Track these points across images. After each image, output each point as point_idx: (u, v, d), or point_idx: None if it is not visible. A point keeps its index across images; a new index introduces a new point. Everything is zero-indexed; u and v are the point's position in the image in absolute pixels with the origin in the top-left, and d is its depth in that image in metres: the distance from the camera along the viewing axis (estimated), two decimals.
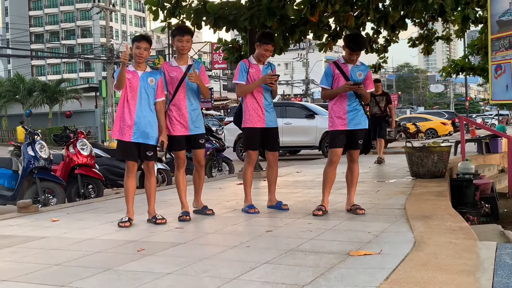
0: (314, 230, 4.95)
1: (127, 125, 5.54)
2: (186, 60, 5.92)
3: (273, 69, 6.24)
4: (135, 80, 5.57)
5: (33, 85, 42.29)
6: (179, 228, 5.40)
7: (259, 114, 6.06)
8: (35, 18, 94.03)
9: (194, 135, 5.91)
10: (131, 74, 5.59)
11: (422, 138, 28.93)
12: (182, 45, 5.80)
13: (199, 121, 5.96)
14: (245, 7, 9.82)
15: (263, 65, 6.16)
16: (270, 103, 6.15)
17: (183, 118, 5.83)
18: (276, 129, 6.20)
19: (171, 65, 5.89)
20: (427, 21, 13.08)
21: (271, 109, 6.15)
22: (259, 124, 6.07)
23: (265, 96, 6.08)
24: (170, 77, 5.83)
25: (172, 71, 5.84)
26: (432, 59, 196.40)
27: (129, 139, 5.56)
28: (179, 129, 5.84)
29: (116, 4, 41.66)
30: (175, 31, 5.96)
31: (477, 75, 22.13)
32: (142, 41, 5.60)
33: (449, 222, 4.97)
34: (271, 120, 6.12)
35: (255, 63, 6.14)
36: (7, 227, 5.87)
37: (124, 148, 5.62)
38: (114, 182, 10.13)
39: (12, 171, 8.60)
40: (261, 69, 6.10)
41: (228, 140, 17.97)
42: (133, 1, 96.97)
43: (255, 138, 6.11)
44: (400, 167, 11.18)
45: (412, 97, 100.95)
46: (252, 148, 6.17)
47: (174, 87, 5.82)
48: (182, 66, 5.86)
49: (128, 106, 5.56)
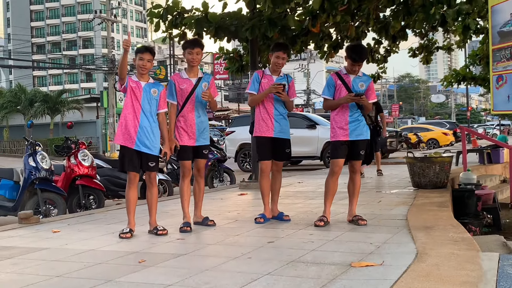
0: (316, 241, 4.93)
1: (130, 132, 5.55)
2: (196, 73, 5.96)
3: (290, 81, 6.24)
4: (138, 91, 5.59)
5: (34, 96, 42.38)
6: (180, 239, 5.38)
7: (268, 124, 6.09)
8: (37, 29, 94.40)
9: (200, 146, 5.94)
10: (135, 83, 5.61)
11: (423, 148, 28.91)
12: (192, 57, 5.84)
13: (206, 133, 6.01)
14: (246, 17, 9.85)
15: (277, 76, 6.17)
16: (281, 113, 6.13)
17: (190, 129, 5.86)
18: (286, 140, 6.19)
19: (182, 77, 5.93)
20: (427, 31, 13.11)
21: (282, 120, 6.14)
22: (268, 134, 6.09)
23: (276, 106, 6.09)
24: (180, 89, 5.86)
25: (183, 83, 5.87)
26: (433, 69, 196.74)
27: (131, 146, 5.56)
28: (186, 139, 5.87)
29: (117, 15, 41.85)
30: (186, 43, 6.02)
31: (479, 85, 22.17)
32: (145, 52, 5.62)
33: (451, 233, 4.96)
34: (281, 130, 6.11)
35: (268, 74, 6.18)
36: (8, 238, 5.86)
37: (126, 158, 5.61)
38: (115, 192, 10.12)
39: (13, 181, 8.60)
40: (275, 80, 6.12)
41: (230, 151, 17.98)
42: (135, 12, 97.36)
43: (264, 147, 6.14)
44: (401, 177, 11.16)
45: (414, 107, 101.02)
46: (263, 158, 6.17)
47: (183, 99, 5.85)
48: (193, 79, 5.90)
49: (131, 113, 5.56)
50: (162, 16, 9.77)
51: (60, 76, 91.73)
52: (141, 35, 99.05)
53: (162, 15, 9.76)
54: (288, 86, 6.16)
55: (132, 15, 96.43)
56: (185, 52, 5.91)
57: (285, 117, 6.21)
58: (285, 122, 6.18)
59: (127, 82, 5.58)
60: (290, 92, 6.23)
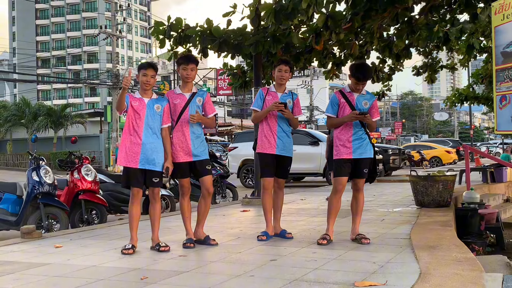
0: (318, 260, 4.92)
1: (134, 152, 5.55)
2: (191, 88, 5.95)
3: (295, 99, 6.25)
4: (141, 108, 5.61)
5: (38, 110, 42.54)
6: (182, 256, 5.37)
7: (271, 140, 6.10)
8: (42, 44, 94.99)
9: (199, 161, 5.89)
10: (137, 101, 5.63)
11: (426, 166, 28.87)
12: (186, 73, 5.84)
13: (202, 147, 5.93)
14: (250, 33, 9.90)
15: (282, 93, 6.19)
16: (284, 131, 6.13)
17: (186, 145, 5.82)
18: (288, 158, 6.19)
19: (175, 93, 5.93)
20: (431, 50, 13.16)
21: (285, 137, 6.14)
22: (270, 150, 6.10)
23: (279, 124, 6.10)
24: (173, 104, 5.85)
25: (176, 99, 5.86)
26: (436, 87, 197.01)
27: (136, 166, 5.57)
28: (182, 156, 5.82)
29: (122, 30, 42.10)
30: (180, 59, 6.01)
31: (482, 104, 22.19)
32: (148, 68, 5.65)
33: (454, 252, 4.94)
34: (283, 148, 6.12)
35: (273, 91, 6.21)
36: (10, 253, 5.85)
37: (129, 175, 5.61)
38: (117, 208, 10.11)
39: (17, 196, 8.60)
40: (279, 97, 6.13)
41: (232, 167, 17.98)
42: (139, 27, 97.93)
43: (267, 164, 6.13)
44: (404, 195, 11.14)
45: (416, 125, 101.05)
46: (266, 175, 6.16)
47: (177, 114, 5.83)
48: (186, 94, 5.89)
49: (134, 133, 5.58)
50: (166, 34, 9.83)
51: (64, 90, 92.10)
52: (146, 50, 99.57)
53: (166, 33, 9.82)
54: (293, 103, 6.19)
55: (137, 31, 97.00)
56: (179, 67, 5.90)
57: (289, 134, 6.21)
58: (288, 139, 6.18)
59: (127, 104, 5.60)
60: (295, 110, 6.24)
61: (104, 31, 37.54)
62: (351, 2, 8.96)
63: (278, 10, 8.89)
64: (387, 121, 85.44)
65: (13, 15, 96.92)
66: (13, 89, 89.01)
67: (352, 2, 8.96)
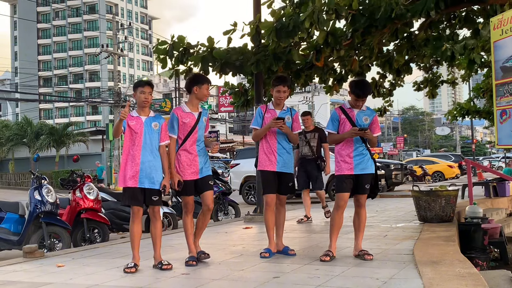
0: (321, 276, 4.90)
1: (133, 172, 5.57)
2: (197, 107, 6.01)
3: (293, 114, 6.29)
4: (139, 126, 5.64)
5: (40, 129, 42.68)
6: (185, 274, 5.35)
7: (271, 158, 6.12)
8: (44, 63, 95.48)
9: (204, 177, 5.93)
10: (134, 120, 5.65)
11: (429, 181, 28.81)
12: (204, 93, 5.94)
13: (208, 163, 6.02)
14: (251, 52, 9.95)
15: (281, 110, 6.23)
16: (285, 147, 6.16)
17: (194, 163, 5.86)
18: (289, 174, 6.22)
19: (184, 111, 5.95)
20: (431, 65, 13.20)
21: (286, 154, 6.16)
22: (270, 168, 6.12)
23: (279, 140, 6.13)
24: (183, 122, 5.89)
25: (186, 117, 5.90)
26: (437, 102, 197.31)
27: (135, 185, 5.58)
28: (189, 174, 5.85)
29: (124, 49, 42.30)
30: (196, 79, 6.07)
31: (483, 118, 22.21)
32: (146, 86, 5.70)
33: (458, 268, 4.92)
34: (283, 165, 6.14)
35: (272, 109, 6.24)
36: (13, 273, 5.84)
37: (129, 194, 5.63)
38: (119, 226, 10.09)
39: (19, 215, 8.60)
40: (278, 114, 6.17)
41: (234, 183, 17.95)
42: (141, 46, 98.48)
43: (268, 181, 6.15)
44: (407, 210, 11.11)
45: (418, 140, 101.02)
46: (267, 191, 6.17)
47: (185, 133, 5.87)
48: (195, 113, 5.95)
49: (132, 152, 5.60)
50: (168, 53, 9.88)
51: (66, 109, 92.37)
52: (147, 68, 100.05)
53: (168, 51, 9.87)
54: (292, 119, 6.22)
55: (139, 49, 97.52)
56: (194, 86, 5.95)
57: (289, 151, 6.23)
58: (288, 156, 6.20)
59: (124, 126, 5.62)
60: (294, 125, 6.26)
61: (106, 50, 37.74)
62: (351, 19, 9.01)
63: (279, 28, 8.95)
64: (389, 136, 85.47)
65: (15, 34, 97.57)
66: (15, 108, 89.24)
67: (352, 19, 9.01)
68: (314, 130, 9.97)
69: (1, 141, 43.44)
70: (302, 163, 9.90)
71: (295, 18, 8.70)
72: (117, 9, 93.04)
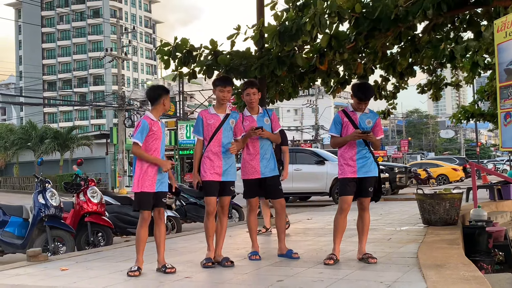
0: (325, 280, 4.89)
1: (151, 176, 5.59)
2: (225, 109, 6.02)
3: (271, 115, 6.32)
4: (159, 131, 5.70)
5: (45, 133, 42.79)
6: (188, 278, 5.35)
7: (254, 165, 6.20)
8: (48, 67, 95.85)
9: (227, 181, 5.96)
10: (156, 125, 5.68)
11: (433, 184, 28.75)
12: (223, 95, 5.92)
13: (232, 169, 6.03)
14: (255, 56, 9.95)
15: (257, 114, 6.27)
16: (266, 150, 6.21)
17: (217, 164, 5.89)
18: (274, 177, 6.23)
19: (210, 113, 5.99)
20: (435, 68, 13.18)
21: (268, 157, 6.22)
22: (254, 176, 6.21)
23: (261, 145, 6.19)
24: (208, 124, 5.92)
25: (210, 119, 5.93)
26: (441, 105, 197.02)
27: (153, 190, 5.60)
28: (211, 175, 5.87)
29: (128, 52, 42.44)
30: (218, 81, 6.08)
31: (487, 121, 22.15)
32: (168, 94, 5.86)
33: (462, 271, 4.90)
34: (267, 169, 6.19)
35: (248, 115, 6.30)
36: (17, 276, 5.84)
37: (143, 199, 5.63)
38: (123, 229, 10.09)
39: (23, 219, 8.61)
40: (256, 119, 6.23)
41: (238, 187, 17.91)
42: (145, 50, 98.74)
43: (251, 188, 6.28)
44: (411, 214, 11.08)
45: (423, 143, 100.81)
46: (250, 196, 6.30)
47: (210, 134, 5.90)
48: (220, 114, 5.96)
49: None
50: (171, 54, 9.90)
51: (71, 113, 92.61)
52: (151, 72, 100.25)
53: (171, 53, 9.88)
54: (270, 120, 6.27)
55: (143, 53, 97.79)
56: (216, 89, 5.97)
57: (271, 153, 6.27)
58: (271, 158, 6.24)
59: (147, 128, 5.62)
60: (274, 125, 6.31)
61: (110, 54, 37.84)
62: (354, 22, 9.01)
63: (283, 32, 8.95)
64: (393, 139, 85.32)
65: (19, 39, 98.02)
66: (20, 112, 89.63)
67: (355, 22, 9.00)
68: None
69: (6, 145, 43.58)
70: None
71: (298, 22, 8.70)
72: (121, 13, 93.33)
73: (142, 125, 5.63)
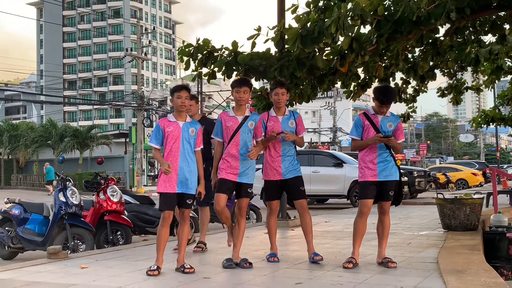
0: (344, 284, 4.87)
1: (172, 177, 5.61)
2: (244, 111, 6.01)
3: (297, 118, 6.22)
4: (176, 131, 5.69)
5: (64, 131, 43.11)
6: (207, 278, 5.36)
7: (275, 167, 6.13)
8: (69, 66, 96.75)
9: (244, 183, 5.94)
10: (172, 126, 5.70)
11: (452, 188, 28.49)
12: (239, 96, 5.90)
13: (251, 171, 6.01)
14: (275, 57, 9.94)
15: (282, 115, 6.18)
16: (288, 152, 6.12)
17: (234, 165, 5.88)
18: (296, 178, 6.14)
19: (229, 115, 6.00)
20: (456, 71, 13.06)
21: (290, 159, 6.13)
22: (276, 177, 6.14)
23: (283, 147, 6.11)
24: (226, 126, 5.93)
25: (229, 121, 5.94)
26: (461, 109, 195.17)
27: (174, 191, 5.62)
28: (227, 174, 5.87)
29: (147, 53, 42.64)
30: (234, 83, 6.09)
31: (508, 125, 21.88)
32: (182, 90, 5.77)
33: (483, 277, 4.85)
34: (289, 170, 6.11)
35: (274, 116, 6.21)
36: (37, 273, 5.90)
37: (164, 199, 5.67)
38: (142, 229, 10.12)
39: (43, 216, 8.70)
40: (280, 120, 6.14)
41: (255, 188, 17.90)
42: (164, 50, 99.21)
43: (272, 189, 6.21)
44: (431, 218, 11.00)
45: (442, 147, 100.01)
46: (270, 198, 6.23)
47: (229, 136, 5.91)
48: (239, 117, 5.95)
49: (172, 158, 5.64)
50: (192, 55, 9.92)
51: (90, 112, 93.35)
52: (170, 72, 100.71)
53: (193, 53, 9.90)
54: (295, 123, 6.17)
55: (162, 53, 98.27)
56: (233, 90, 5.97)
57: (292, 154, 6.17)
58: (292, 160, 6.15)
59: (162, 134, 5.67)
60: (298, 129, 6.21)
61: (130, 54, 38.06)
62: (376, 25, 8.95)
63: (305, 35, 8.92)
64: (411, 143, 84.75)
65: (41, 38, 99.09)
66: (40, 111, 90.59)
67: (376, 25, 8.94)
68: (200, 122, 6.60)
69: (26, 142, 43.99)
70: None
71: (320, 24, 8.66)
72: (141, 13, 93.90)
73: (155, 127, 5.77)
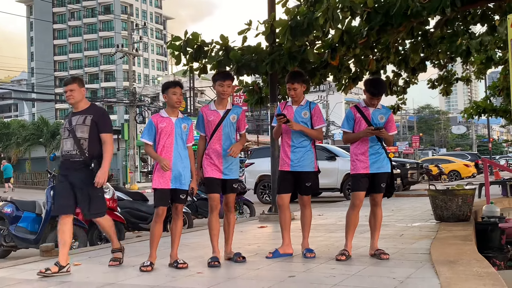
0: (337, 276, 4.88)
1: (166, 173, 5.59)
2: (225, 105, 5.93)
3: (312, 109, 6.05)
4: (170, 127, 5.67)
5: (56, 128, 43.00)
6: (200, 273, 5.36)
7: (285, 158, 6.02)
8: (59, 63, 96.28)
9: (228, 179, 5.86)
10: (165, 122, 5.67)
11: (445, 180, 28.60)
12: (223, 89, 5.82)
13: (234, 166, 5.92)
14: (266, 51, 9.92)
15: (298, 105, 6.06)
16: (299, 144, 5.95)
17: (218, 162, 5.81)
18: (305, 173, 5.98)
19: (210, 109, 5.92)
20: (446, 63, 13.11)
21: (302, 151, 5.95)
22: (285, 168, 6.03)
23: (292, 138, 5.97)
24: (208, 120, 5.86)
25: (210, 115, 5.87)
26: (453, 100, 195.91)
27: (167, 186, 5.62)
28: (212, 171, 5.80)
29: (139, 49, 42.51)
30: (217, 76, 6.00)
31: (500, 116, 22.00)
32: (177, 87, 5.72)
33: (475, 267, 4.87)
34: (298, 163, 5.94)
35: (289, 105, 6.12)
36: (30, 271, 5.87)
37: (158, 195, 5.66)
38: (135, 225, 10.11)
39: (36, 214, 8.66)
40: (294, 110, 6.04)
41: (249, 182, 17.95)
42: (156, 46, 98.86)
43: (283, 180, 6.05)
44: (423, 210, 11.04)
45: (434, 139, 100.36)
46: (280, 191, 6.10)
47: (210, 130, 5.84)
48: (220, 111, 5.87)
49: (165, 154, 5.62)
50: (182, 49, 9.87)
51: None
52: (162, 68, 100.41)
53: (182, 47, 9.86)
54: (310, 114, 6.01)
55: (153, 49, 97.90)
56: (215, 84, 5.89)
57: (303, 146, 5.96)
58: (302, 152, 5.95)
59: (154, 130, 5.65)
60: (314, 120, 6.03)
61: (121, 50, 37.92)
62: (366, 17, 8.95)
63: (294, 26, 8.90)
64: (404, 135, 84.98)
65: (31, 35, 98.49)
66: (32, 109, 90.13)
67: (367, 17, 8.95)
68: (86, 111, 5.77)
69: (18, 141, 43.88)
70: (64, 169, 5.94)
71: (309, 16, 8.66)
72: (132, 9, 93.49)
73: (148, 123, 5.75)
